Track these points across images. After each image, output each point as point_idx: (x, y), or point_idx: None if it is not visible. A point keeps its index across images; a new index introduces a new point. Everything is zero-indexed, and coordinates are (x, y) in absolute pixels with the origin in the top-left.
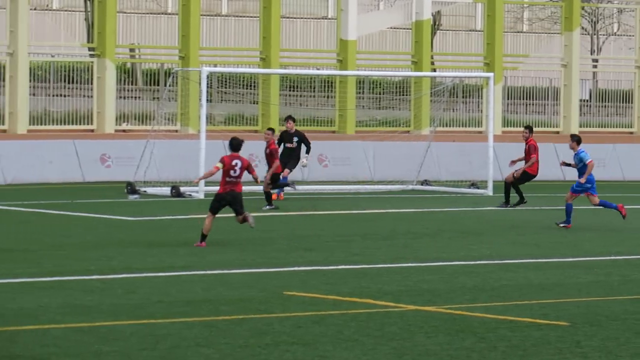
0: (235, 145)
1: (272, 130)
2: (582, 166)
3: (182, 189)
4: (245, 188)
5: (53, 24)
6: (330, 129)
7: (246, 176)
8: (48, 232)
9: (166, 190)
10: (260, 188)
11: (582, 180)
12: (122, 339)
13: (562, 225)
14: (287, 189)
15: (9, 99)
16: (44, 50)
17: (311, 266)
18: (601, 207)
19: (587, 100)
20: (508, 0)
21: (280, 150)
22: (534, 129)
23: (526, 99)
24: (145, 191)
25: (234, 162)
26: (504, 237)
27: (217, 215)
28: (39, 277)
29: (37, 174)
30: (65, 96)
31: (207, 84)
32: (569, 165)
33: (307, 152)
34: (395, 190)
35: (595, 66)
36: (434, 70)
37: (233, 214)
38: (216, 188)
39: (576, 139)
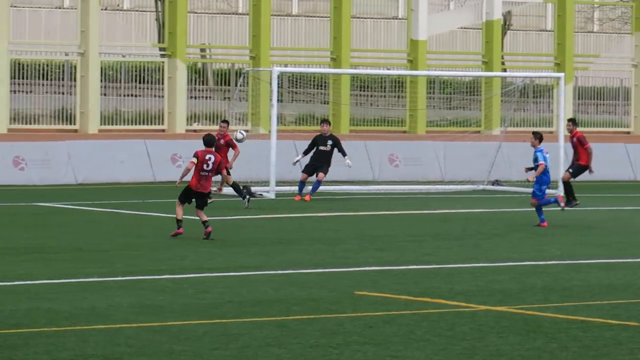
0: (208, 141)
1: (227, 122)
2: (537, 165)
3: (253, 188)
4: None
5: (124, 24)
6: (401, 129)
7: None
8: (119, 232)
9: None
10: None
11: (531, 178)
12: (194, 339)
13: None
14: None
15: (80, 98)
16: (115, 50)
17: (382, 266)
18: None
19: None
20: (578, 0)
21: (310, 153)
22: (605, 129)
23: (597, 99)
24: (215, 191)
25: (207, 157)
26: (574, 238)
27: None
28: (110, 276)
29: (108, 174)
30: (136, 96)
31: (278, 84)
32: (531, 169)
33: (344, 155)
34: (466, 191)
35: None
36: (505, 71)
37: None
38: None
39: (538, 137)
